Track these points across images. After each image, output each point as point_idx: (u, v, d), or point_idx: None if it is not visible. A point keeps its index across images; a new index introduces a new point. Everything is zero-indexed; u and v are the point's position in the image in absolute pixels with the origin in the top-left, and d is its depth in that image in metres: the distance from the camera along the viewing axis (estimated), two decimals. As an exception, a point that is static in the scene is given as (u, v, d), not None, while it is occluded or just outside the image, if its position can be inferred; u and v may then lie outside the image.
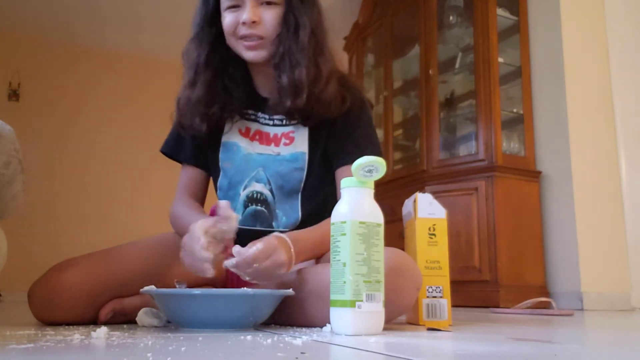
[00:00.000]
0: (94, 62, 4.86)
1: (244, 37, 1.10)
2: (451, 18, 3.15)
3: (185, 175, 1.27)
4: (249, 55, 1.12)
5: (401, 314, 1.00)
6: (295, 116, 1.14)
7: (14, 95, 4.53)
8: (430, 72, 3.04)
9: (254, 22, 1.08)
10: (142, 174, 4.78)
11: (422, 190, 1.73)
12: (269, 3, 1.09)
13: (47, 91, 4.66)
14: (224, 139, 1.21)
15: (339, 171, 1.16)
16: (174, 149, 1.27)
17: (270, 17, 1.09)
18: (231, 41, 1.13)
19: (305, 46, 1.09)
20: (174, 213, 1.21)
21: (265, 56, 1.12)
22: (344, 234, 0.84)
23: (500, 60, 2.90)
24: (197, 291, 0.94)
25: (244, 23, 1.08)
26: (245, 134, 1.20)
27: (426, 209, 1.11)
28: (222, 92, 1.17)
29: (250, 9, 1.08)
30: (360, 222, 0.84)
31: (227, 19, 1.11)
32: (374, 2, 3.69)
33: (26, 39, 4.61)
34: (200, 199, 1.28)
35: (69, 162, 4.64)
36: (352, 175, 0.87)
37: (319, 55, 1.12)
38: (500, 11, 2.94)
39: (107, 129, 4.83)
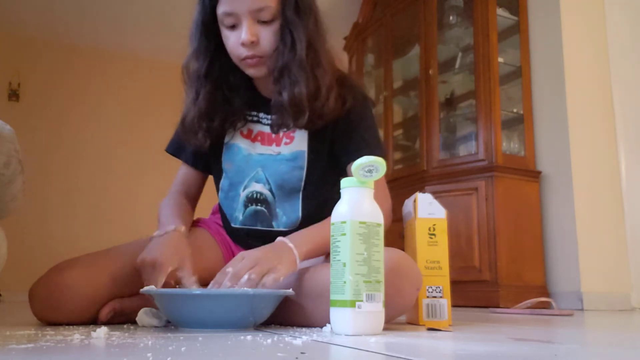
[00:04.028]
0: (94, 62, 4.86)
1: (245, 58, 1.10)
2: (451, 18, 3.15)
3: (183, 171, 1.31)
4: (250, 72, 1.14)
5: (401, 314, 1.00)
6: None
7: (14, 95, 4.54)
8: (430, 72, 3.04)
9: (252, 42, 1.08)
10: (141, 173, 4.78)
11: (422, 190, 1.73)
12: (265, 21, 1.09)
13: (47, 91, 4.66)
14: (226, 141, 1.22)
15: (348, 168, 1.16)
16: (177, 149, 1.30)
17: (267, 35, 1.09)
18: (235, 60, 1.13)
19: (303, 61, 1.09)
20: (162, 204, 1.24)
21: (266, 72, 1.13)
22: (344, 234, 0.84)
23: (500, 60, 2.90)
24: (197, 291, 0.94)
25: (243, 44, 1.08)
26: (247, 135, 1.21)
27: (426, 209, 1.11)
28: (222, 103, 1.18)
29: (248, 29, 1.07)
30: (360, 222, 0.84)
31: (230, 40, 1.11)
32: (374, 2, 3.69)
33: (26, 39, 4.61)
34: (193, 196, 1.31)
35: (69, 162, 4.64)
36: None
37: (317, 67, 1.12)
38: (500, 11, 2.94)
39: (107, 129, 4.83)
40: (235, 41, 1.10)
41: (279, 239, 1.02)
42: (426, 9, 3.11)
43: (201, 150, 1.21)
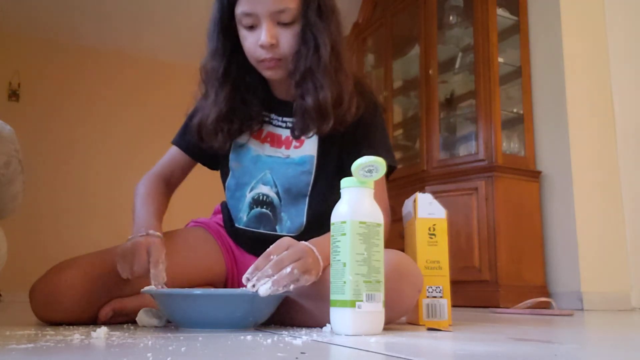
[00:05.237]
0: (94, 62, 4.86)
1: (263, 60, 1.08)
2: (451, 18, 3.15)
3: (174, 156, 1.27)
4: (267, 74, 1.12)
5: (402, 316, 1.00)
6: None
7: (14, 95, 4.53)
8: (430, 72, 3.04)
9: (271, 44, 1.05)
10: (143, 174, 4.77)
11: (422, 190, 1.73)
12: (285, 23, 1.06)
13: (47, 91, 4.66)
14: (241, 142, 1.20)
15: None
16: (182, 140, 1.27)
17: (287, 37, 1.07)
18: (251, 61, 1.12)
19: (327, 65, 1.07)
20: (138, 191, 1.21)
21: (284, 75, 1.11)
22: (344, 234, 0.84)
23: (500, 60, 2.90)
24: (197, 291, 0.94)
25: (261, 46, 1.06)
26: (257, 135, 1.20)
27: (426, 209, 1.11)
28: (241, 105, 1.16)
29: (267, 31, 1.05)
30: (361, 222, 0.84)
31: (248, 41, 1.08)
32: (374, 2, 3.70)
33: (26, 39, 4.61)
34: (175, 183, 1.29)
35: (68, 162, 4.64)
36: None
37: (339, 71, 1.10)
38: (500, 11, 2.94)
39: (107, 129, 4.83)
40: (253, 42, 1.07)
41: (304, 244, 0.92)
42: (426, 9, 3.11)
43: (221, 152, 1.19)
